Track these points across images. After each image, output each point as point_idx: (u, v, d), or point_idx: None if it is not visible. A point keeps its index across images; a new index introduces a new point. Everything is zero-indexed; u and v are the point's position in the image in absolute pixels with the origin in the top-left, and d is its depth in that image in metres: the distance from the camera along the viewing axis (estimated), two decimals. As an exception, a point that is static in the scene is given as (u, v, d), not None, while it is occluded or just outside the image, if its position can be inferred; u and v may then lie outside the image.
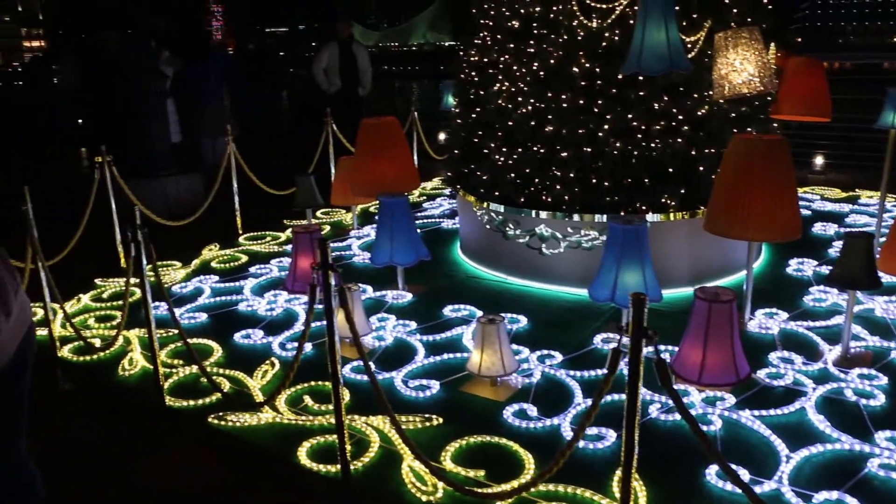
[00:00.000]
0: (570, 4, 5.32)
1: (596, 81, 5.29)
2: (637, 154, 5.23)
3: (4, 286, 2.27)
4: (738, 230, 4.44)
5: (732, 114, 5.53)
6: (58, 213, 6.35)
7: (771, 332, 4.73)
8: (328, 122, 8.55)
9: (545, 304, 5.33)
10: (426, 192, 9.06)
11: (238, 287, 5.90)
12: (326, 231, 7.41)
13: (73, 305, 5.72)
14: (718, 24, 5.33)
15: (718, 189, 4.55)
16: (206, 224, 7.19)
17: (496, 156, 5.64)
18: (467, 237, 6.34)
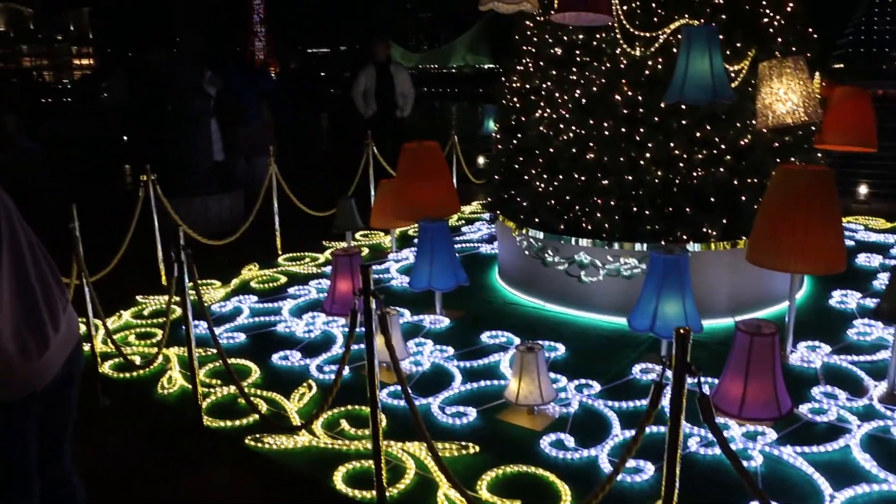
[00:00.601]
0: (614, 32, 5.32)
1: (638, 110, 5.27)
2: (678, 183, 5.20)
3: (55, 302, 2.32)
4: (781, 262, 4.38)
5: (776, 143, 5.47)
6: (101, 227, 6.46)
7: (813, 366, 4.65)
8: (368, 144, 8.61)
9: (583, 333, 5.30)
10: (465, 216, 9.07)
11: (277, 308, 5.95)
12: (365, 254, 7.44)
13: (114, 322, 5.80)
14: (762, 54, 5.30)
15: (761, 219, 4.50)
16: (246, 243, 7.27)
17: (537, 182, 5.64)
18: (506, 263, 6.33)
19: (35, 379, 2.26)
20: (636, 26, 5.26)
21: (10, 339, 2.14)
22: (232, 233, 7.23)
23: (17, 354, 2.16)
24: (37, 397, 2.30)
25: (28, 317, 2.22)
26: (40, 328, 2.25)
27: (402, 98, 10.36)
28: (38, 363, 2.24)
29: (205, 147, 8.83)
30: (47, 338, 2.27)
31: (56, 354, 2.32)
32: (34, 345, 2.22)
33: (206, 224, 8.31)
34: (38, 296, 2.26)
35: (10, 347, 2.14)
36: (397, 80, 10.31)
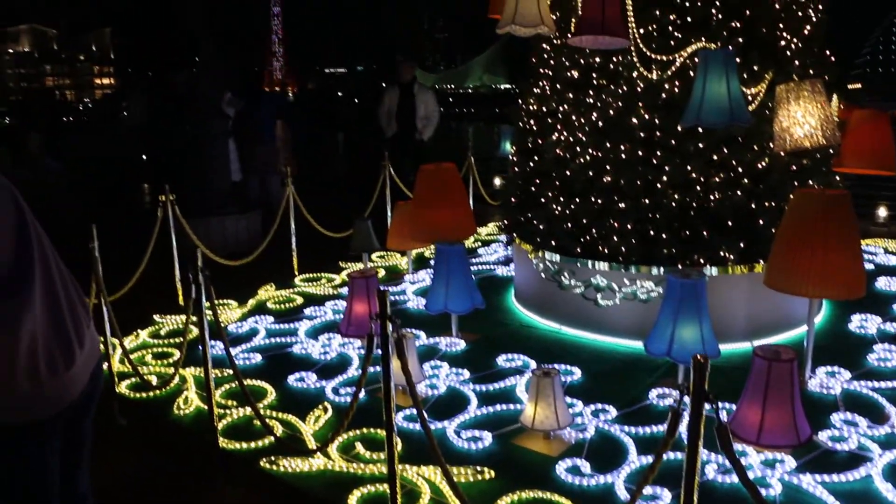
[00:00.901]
0: (631, 55, 5.33)
1: (655, 133, 5.28)
2: (696, 206, 5.18)
3: (80, 318, 2.35)
4: (799, 286, 4.35)
5: (793, 166, 5.46)
6: (119, 246, 6.51)
7: (833, 393, 4.60)
8: (385, 165, 8.64)
9: (600, 356, 5.28)
10: (481, 237, 9.07)
11: (293, 329, 5.96)
12: (382, 275, 7.45)
13: (131, 341, 5.83)
14: (780, 77, 5.29)
15: (779, 243, 4.48)
16: (262, 263, 7.29)
17: (553, 205, 5.64)
18: (522, 285, 6.32)
19: (62, 394, 2.28)
20: (653, 49, 5.27)
21: (41, 353, 2.17)
22: (249, 253, 7.26)
23: (46, 368, 2.19)
24: (61, 415, 2.32)
25: (56, 332, 2.25)
26: (67, 344, 2.28)
27: (422, 120, 10.23)
28: (64, 377, 2.27)
29: (223, 167, 8.90)
30: (73, 353, 2.30)
31: (81, 371, 2.35)
32: (61, 360, 2.25)
33: (224, 244, 8.37)
34: (64, 312, 2.29)
35: (40, 362, 2.17)
36: (419, 102, 10.21)
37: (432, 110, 10.31)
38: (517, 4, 5.00)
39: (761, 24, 5.39)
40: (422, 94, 10.30)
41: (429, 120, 10.26)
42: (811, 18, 5.76)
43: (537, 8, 4.98)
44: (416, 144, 10.31)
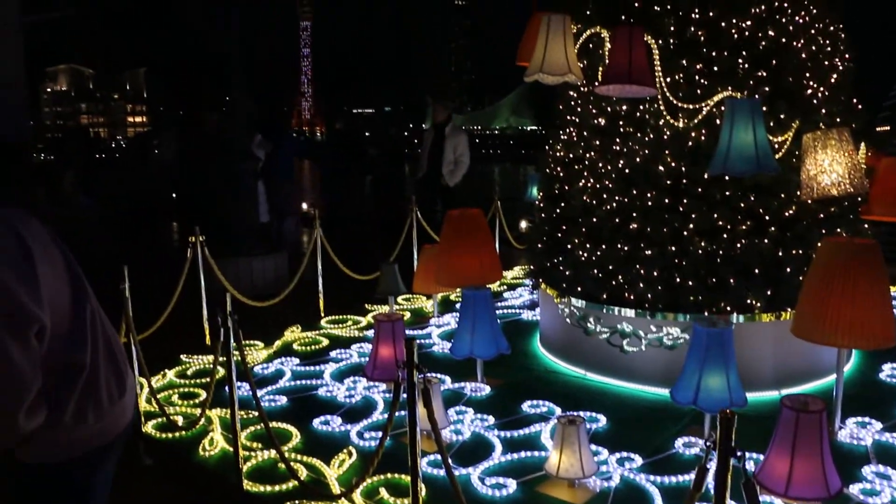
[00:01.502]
0: (657, 104, 5.37)
1: (681, 180, 5.30)
2: (722, 254, 5.18)
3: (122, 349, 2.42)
4: (828, 336, 4.32)
5: (821, 214, 5.44)
6: (148, 284, 6.58)
7: (864, 444, 4.54)
8: (413, 209, 8.70)
9: (625, 403, 5.25)
10: (506, 281, 9.08)
11: (318, 371, 5.99)
12: (407, 318, 7.48)
13: (158, 381, 5.88)
14: (806, 125, 5.30)
15: (807, 292, 4.46)
16: (289, 304, 7.35)
17: (579, 251, 5.66)
18: (547, 330, 6.32)
19: (119, 420, 2.33)
20: (679, 98, 5.31)
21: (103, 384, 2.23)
22: (276, 293, 7.34)
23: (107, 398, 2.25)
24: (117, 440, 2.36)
25: (111, 361, 2.31)
26: (119, 373, 2.34)
27: (449, 165, 9.95)
28: (118, 405, 2.32)
29: (252, 209, 9.02)
30: (124, 381, 2.36)
31: (129, 400, 2.40)
32: (116, 389, 2.31)
33: (251, 284, 8.45)
34: (112, 341, 2.35)
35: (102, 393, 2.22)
36: (448, 145, 9.95)
37: (461, 153, 10.00)
38: (545, 53, 5.08)
39: (787, 74, 5.42)
40: (453, 136, 10.02)
41: (456, 164, 9.99)
42: (837, 67, 5.79)
43: (565, 57, 5.06)
44: (443, 187, 10.10)
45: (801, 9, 5.63)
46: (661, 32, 5.44)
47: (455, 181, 10.06)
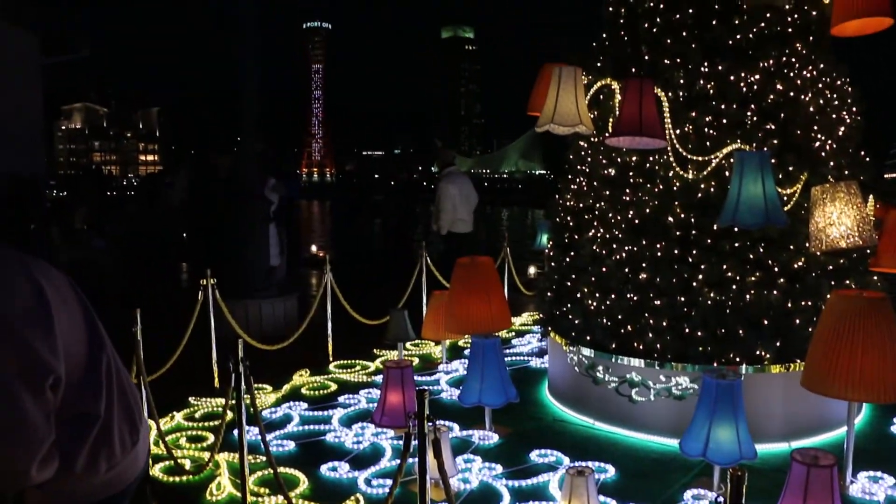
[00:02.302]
0: (667, 155, 5.43)
1: (691, 231, 5.34)
2: (731, 305, 5.20)
3: (136, 394, 2.42)
4: (839, 389, 4.31)
5: (830, 266, 5.46)
6: (158, 325, 6.62)
7: (876, 499, 4.50)
8: (422, 253, 8.74)
9: (634, 454, 5.22)
10: (515, 327, 9.08)
11: (327, 416, 5.99)
12: (416, 363, 7.48)
13: (166, 423, 5.88)
14: (815, 178, 5.36)
15: (816, 345, 4.46)
16: (298, 348, 7.37)
17: (589, 300, 5.68)
18: (556, 379, 6.32)
19: (131, 468, 2.33)
20: (689, 150, 5.37)
21: (116, 432, 2.23)
22: (285, 336, 7.36)
23: (119, 446, 2.25)
24: (129, 488, 2.36)
25: (124, 407, 2.31)
26: (133, 421, 2.34)
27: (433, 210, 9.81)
28: (131, 454, 2.31)
29: (263, 252, 9.07)
30: (138, 429, 2.35)
31: (142, 448, 2.40)
32: (129, 436, 2.31)
33: (260, 327, 8.48)
34: (127, 390, 2.35)
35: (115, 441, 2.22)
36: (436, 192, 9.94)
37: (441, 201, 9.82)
38: (556, 104, 5.16)
39: (796, 127, 5.49)
40: (439, 182, 9.97)
41: (437, 212, 9.84)
42: (845, 120, 5.86)
43: (576, 108, 5.13)
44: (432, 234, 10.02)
45: (808, 63, 5.71)
46: (670, 85, 5.53)
47: (435, 229, 9.94)
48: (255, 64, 8.96)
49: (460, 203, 9.86)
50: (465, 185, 10.04)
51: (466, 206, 9.96)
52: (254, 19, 8.97)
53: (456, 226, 9.89)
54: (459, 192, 9.85)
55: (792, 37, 5.64)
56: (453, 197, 9.78)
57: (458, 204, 9.83)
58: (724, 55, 5.51)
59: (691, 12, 5.61)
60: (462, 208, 9.89)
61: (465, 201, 9.94)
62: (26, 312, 1.92)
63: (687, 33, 5.60)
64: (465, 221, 9.98)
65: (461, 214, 9.90)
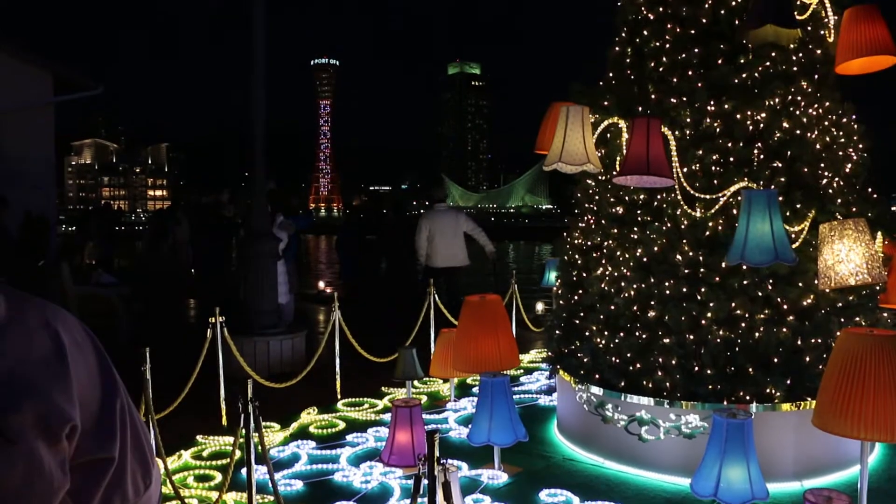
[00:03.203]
0: (674, 193, 5.46)
1: (699, 269, 5.34)
2: (741, 342, 5.18)
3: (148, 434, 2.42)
4: (849, 428, 4.27)
5: (839, 303, 5.45)
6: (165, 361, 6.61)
7: (889, 541, 4.45)
8: (430, 292, 8.74)
9: (644, 494, 5.17)
10: (523, 364, 9.05)
11: (335, 456, 5.95)
12: (424, 401, 7.45)
13: (173, 461, 5.86)
14: (822, 215, 5.36)
15: (827, 384, 4.43)
16: (306, 385, 7.35)
17: (597, 339, 5.68)
18: (565, 417, 6.28)
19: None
20: (696, 188, 5.40)
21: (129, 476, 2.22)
22: (293, 373, 7.35)
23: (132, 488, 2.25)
24: None
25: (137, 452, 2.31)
26: (146, 464, 2.34)
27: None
28: (143, 497, 2.31)
29: (271, 289, 9.07)
30: (150, 472, 2.35)
31: (154, 491, 2.39)
32: (141, 480, 2.30)
33: (268, 364, 8.47)
34: (140, 433, 2.36)
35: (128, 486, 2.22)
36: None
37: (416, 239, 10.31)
38: (564, 143, 5.20)
39: (803, 165, 5.51)
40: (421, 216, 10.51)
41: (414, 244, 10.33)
42: (852, 157, 5.88)
43: (583, 147, 5.17)
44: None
45: (814, 101, 5.75)
46: (677, 123, 5.57)
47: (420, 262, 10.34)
48: (264, 102, 9.05)
49: (438, 237, 10.22)
50: (445, 221, 10.36)
51: (443, 241, 10.27)
52: (263, 56, 9.08)
53: (430, 260, 10.29)
54: (434, 227, 10.22)
55: (797, 75, 5.68)
56: (425, 231, 10.21)
57: (434, 238, 10.21)
58: (730, 94, 5.55)
59: (697, 52, 5.67)
60: (439, 243, 10.24)
61: (443, 236, 10.26)
62: (44, 361, 1.94)
63: (693, 72, 5.65)
64: (443, 256, 10.31)
65: (439, 249, 10.23)
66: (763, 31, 5.35)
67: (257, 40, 8.95)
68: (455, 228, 10.35)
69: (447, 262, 10.32)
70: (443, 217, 10.40)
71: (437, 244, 10.19)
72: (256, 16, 8.99)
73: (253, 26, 9.03)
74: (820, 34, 5.87)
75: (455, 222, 10.43)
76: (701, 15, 5.71)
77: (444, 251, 10.24)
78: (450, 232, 10.31)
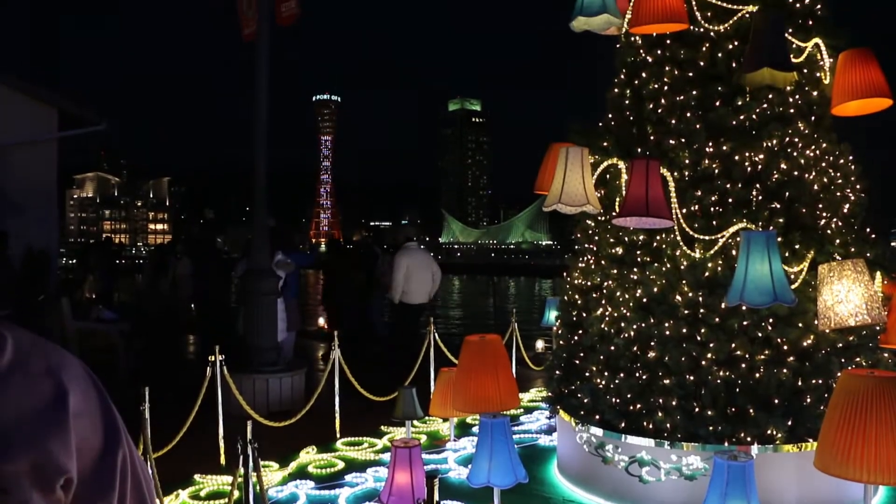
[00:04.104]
0: (673, 234, 5.48)
1: (699, 310, 5.35)
2: (741, 383, 5.18)
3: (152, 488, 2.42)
4: (852, 471, 4.24)
5: (840, 344, 5.45)
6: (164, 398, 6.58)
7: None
8: (429, 329, 8.73)
9: (645, 536, 5.14)
10: (523, 404, 9.00)
11: (334, 496, 5.91)
12: (424, 441, 7.41)
13: (171, 501, 5.81)
14: (821, 256, 5.38)
15: (829, 426, 4.41)
16: (305, 424, 7.31)
17: (597, 379, 5.67)
18: (565, 457, 6.25)
19: None
20: (695, 229, 5.42)
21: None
22: (292, 412, 7.31)
23: None
24: None
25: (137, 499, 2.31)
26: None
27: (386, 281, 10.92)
28: None
29: (270, 326, 9.07)
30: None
31: None
32: None
33: (266, 402, 8.43)
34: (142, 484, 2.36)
35: None
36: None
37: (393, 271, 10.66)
38: (563, 184, 5.24)
39: (801, 206, 5.55)
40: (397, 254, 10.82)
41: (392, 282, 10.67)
42: (849, 198, 5.91)
43: (583, 188, 5.21)
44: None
45: (811, 142, 5.80)
46: (676, 164, 5.62)
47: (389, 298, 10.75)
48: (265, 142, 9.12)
49: (413, 275, 10.51)
50: (420, 259, 10.77)
51: (419, 278, 10.61)
52: (266, 95, 9.17)
53: (406, 296, 10.54)
54: (411, 264, 10.52)
55: (794, 117, 5.74)
56: (403, 268, 10.46)
57: (410, 275, 10.49)
58: (728, 135, 5.60)
59: (695, 93, 5.73)
60: (417, 280, 10.56)
61: (418, 273, 10.59)
62: (43, 410, 1.94)
63: (691, 114, 5.71)
64: (418, 293, 10.61)
65: (414, 286, 10.53)
66: (760, 74, 5.42)
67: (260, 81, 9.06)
68: (428, 266, 10.83)
69: (421, 299, 10.76)
70: (418, 255, 10.85)
71: (414, 281, 10.56)
72: (259, 55, 9.12)
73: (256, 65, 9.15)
74: (816, 76, 5.94)
75: (428, 260, 10.98)
76: (698, 58, 5.79)
77: (419, 288, 10.64)
78: (424, 269, 10.75)
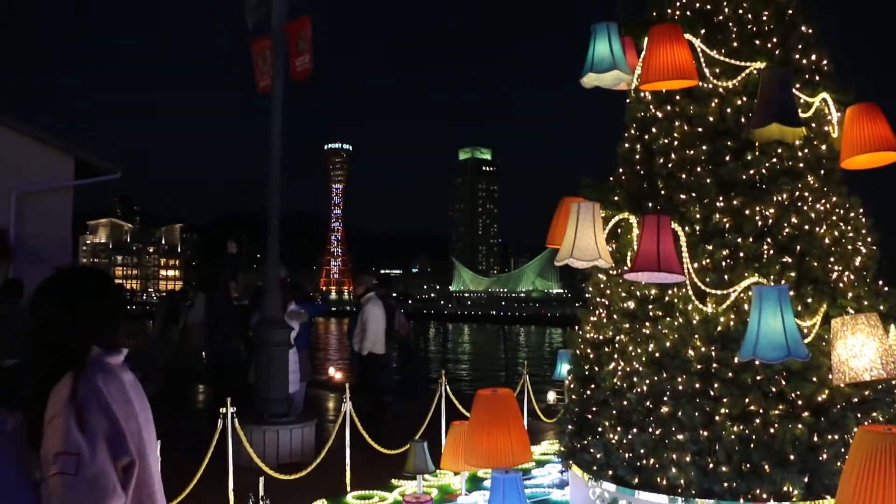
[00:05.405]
0: (685, 288, 5.48)
1: (712, 365, 5.32)
2: (755, 439, 5.12)
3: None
4: (871, 531, 4.19)
5: (855, 398, 5.40)
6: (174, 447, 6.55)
7: None
8: (441, 383, 8.71)
9: None
10: (535, 457, 8.92)
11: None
12: (435, 494, 7.34)
13: (180, 556, 5.77)
14: (834, 309, 5.37)
15: (846, 483, 4.35)
16: (315, 476, 7.25)
17: (610, 434, 5.63)
18: (578, 513, 6.17)
19: None
20: (707, 283, 5.42)
21: None
22: (303, 464, 7.26)
23: None
24: None
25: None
26: None
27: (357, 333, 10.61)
28: None
29: (282, 378, 9.06)
30: None
31: None
32: None
33: (277, 454, 8.39)
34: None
35: None
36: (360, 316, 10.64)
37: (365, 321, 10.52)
38: (575, 239, 5.26)
39: (812, 259, 5.54)
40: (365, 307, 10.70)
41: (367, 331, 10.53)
42: (861, 251, 5.90)
43: (594, 242, 5.24)
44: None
45: (821, 196, 5.81)
46: (687, 219, 5.63)
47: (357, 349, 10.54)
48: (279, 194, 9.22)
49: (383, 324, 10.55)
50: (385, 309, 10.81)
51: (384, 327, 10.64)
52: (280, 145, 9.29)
53: (377, 346, 10.48)
54: (381, 314, 10.54)
55: (804, 171, 5.76)
56: (378, 318, 10.47)
57: (379, 326, 10.50)
58: (738, 189, 5.63)
59: (705, 149, 5.78)
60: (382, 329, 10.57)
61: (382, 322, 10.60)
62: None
63: (701, 168, 5.75)
64: (385, 343, 10.70)
65: (382, 336, 10.54)
66: (769, 129, 5.47)
67: (274, 133, 9.19)
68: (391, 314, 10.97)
69: (388, 348, 10.95)
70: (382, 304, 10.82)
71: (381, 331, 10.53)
72: (274, 107, 9.26)
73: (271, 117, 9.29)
74: (824, 130, 5.98)
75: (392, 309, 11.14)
76: (708, 113, 5.84)
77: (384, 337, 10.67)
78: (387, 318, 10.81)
